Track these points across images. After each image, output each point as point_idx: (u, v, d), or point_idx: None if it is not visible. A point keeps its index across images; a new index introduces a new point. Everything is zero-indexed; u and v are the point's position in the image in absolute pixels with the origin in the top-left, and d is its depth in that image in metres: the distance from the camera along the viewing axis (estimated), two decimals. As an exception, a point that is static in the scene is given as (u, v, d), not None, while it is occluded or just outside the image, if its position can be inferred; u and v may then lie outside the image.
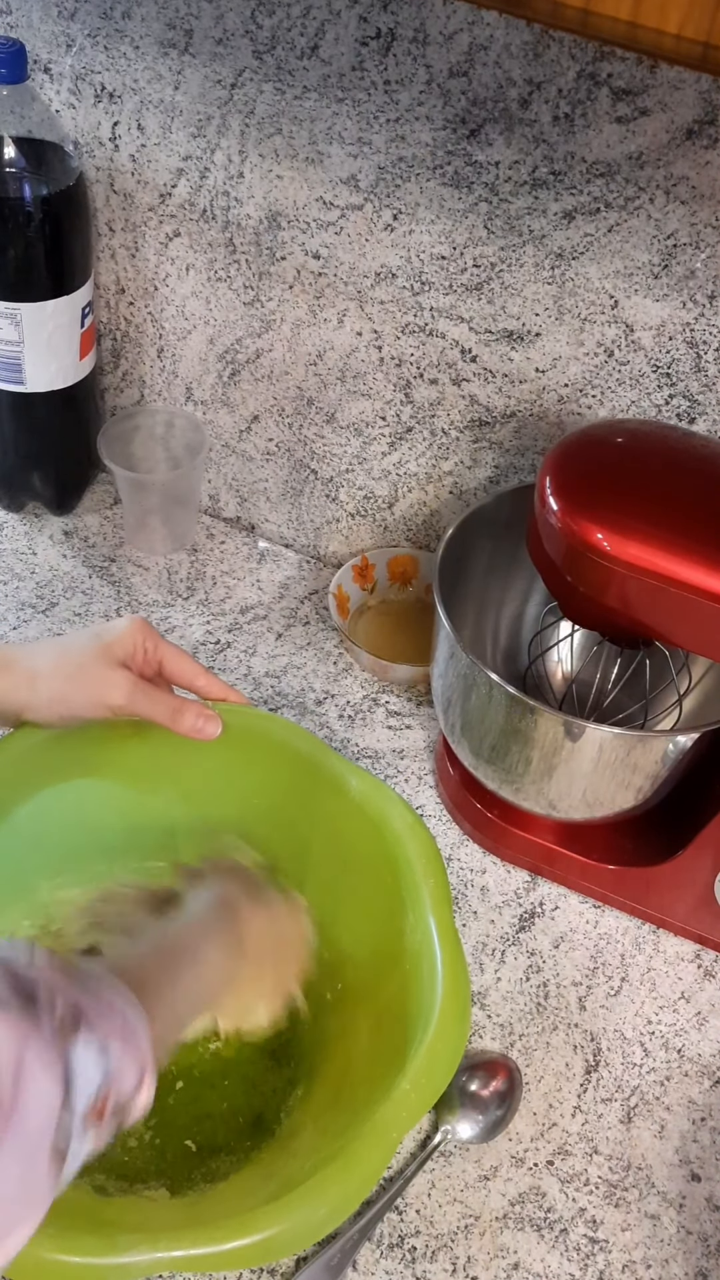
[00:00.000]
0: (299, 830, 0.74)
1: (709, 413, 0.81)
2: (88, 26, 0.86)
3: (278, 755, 0.74)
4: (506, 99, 0.75)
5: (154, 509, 1.01)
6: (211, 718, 0.72)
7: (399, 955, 0.66)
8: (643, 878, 0.79)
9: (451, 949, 0.64)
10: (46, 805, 0.73)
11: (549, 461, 0.69)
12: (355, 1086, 0.63)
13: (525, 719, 0.72)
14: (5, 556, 1.01)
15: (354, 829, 0.71)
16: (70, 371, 0.96)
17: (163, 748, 0.72)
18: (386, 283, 0.86)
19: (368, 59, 0.78)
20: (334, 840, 0.72)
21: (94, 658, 0.70)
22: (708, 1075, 0.74)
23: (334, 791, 0.72)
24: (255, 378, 0.97)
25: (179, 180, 0.90)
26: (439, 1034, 0.60)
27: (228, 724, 0.72)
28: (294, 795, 0.74)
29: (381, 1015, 0.65)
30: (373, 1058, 0.64)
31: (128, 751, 0.73)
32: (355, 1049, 0.67)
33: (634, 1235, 0.67)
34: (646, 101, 0.72)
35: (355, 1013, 0.69)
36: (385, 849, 0.69)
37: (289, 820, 0.74)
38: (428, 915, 0.65)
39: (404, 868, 0.67)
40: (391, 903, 0.67)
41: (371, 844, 0.70)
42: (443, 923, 0.65)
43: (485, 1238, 0.67)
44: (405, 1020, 0.62)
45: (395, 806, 0.70)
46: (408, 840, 0.68)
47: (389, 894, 0.68)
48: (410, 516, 0.98)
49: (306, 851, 0.74)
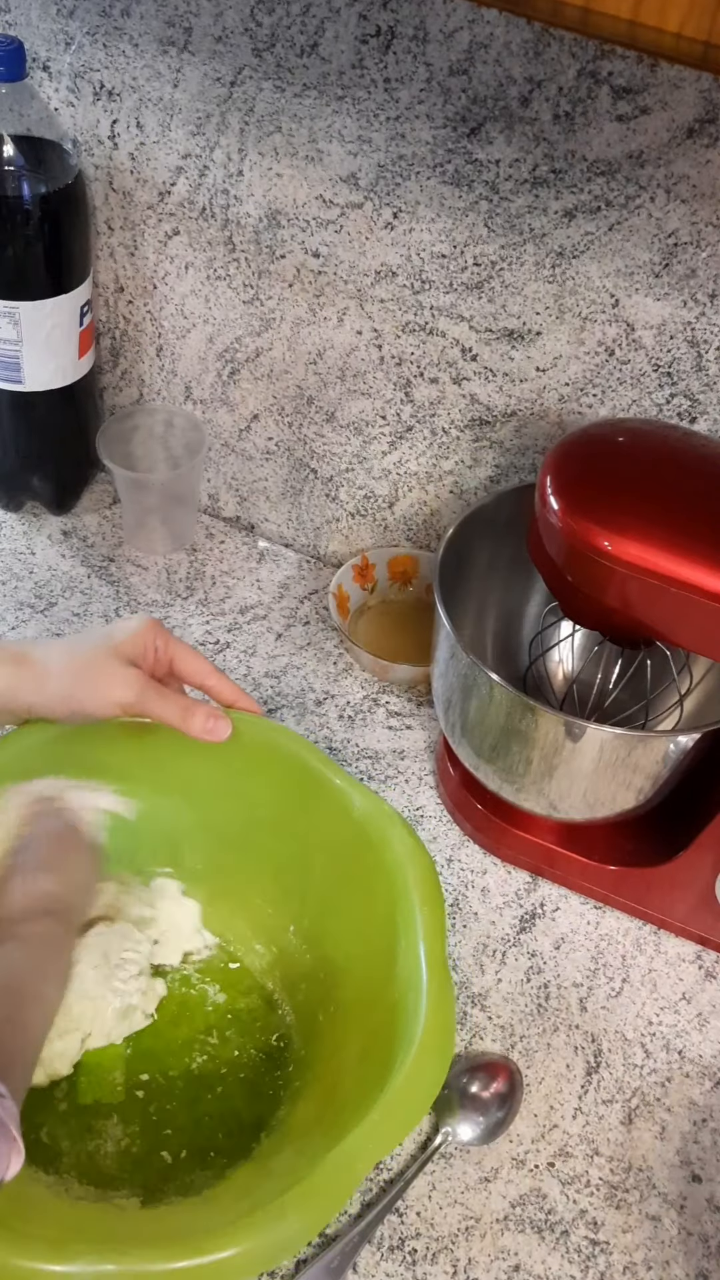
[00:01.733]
0: (302, 843, 0.73)
1: (709, 412, 0.81)
2: (87, 24, 0.86)
3: (284, 766, 0.73)
4: (507, 97, 0.75)
5: (153, 509, 1.00)
6: (222, 719, 0.71)
7: (390, 980, 0.65)
8: (643, 878, 0.79)
9: (439, 982, 0.63)
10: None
11: (549, 461, 0.69)
12: (339, 1110, 0.62)
13: (526, 719, 0.72)
14: (4, 556, 1.00)
15: (355, 848, 0.70)
16: (69, 370, 0.96)
17: (170, 751, 0.72)
18: (386, 281, 0.86)
19: (367, 57, 0.78)
20: (335, 857, 0.72)
21: (105, 656, 0.69)
22: (709, 1076, 0.74)
23: (338, 808, 0.71)
24: (255, 376, 0.97)
25: (178, 178, 0.90)
26: (415, 1068, 0.59)
27: (236, 731, 0.71)
28: (298, 808, 0.73)
29: (371, 1039, 0.64)
30: (359, 1082, 0.62)
31: (135, 752, 0.73)
32: (343, 1071, 0.66)
33: (635, 1237, 0.67)
34: (647, 100, 0.71)
35: (346, 1035, 0.68)
36: (384, 872, 0.68)
37: (293, 833, 0.73)
38: (419, 944, 0.64)
39: (401, 893, 0.66)
40: (386, 927, 0.66)
41: (371, 866, 0.69)
42: (433, 954, 0.64)
43: (486, 1240, 0.66)
44: (391, 1047, 0.61)
45: (397, 830, 0.69)
46: (407, 866, 0.67)
47: (385, 918, 0.67)
48: (410, 516, 0.98)
49: (308, 865, 0.73)
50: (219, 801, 0.75)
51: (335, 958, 0.71)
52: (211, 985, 0.74)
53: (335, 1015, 0.69)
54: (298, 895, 0.73)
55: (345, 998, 0.69)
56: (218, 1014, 0.73)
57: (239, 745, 0.72)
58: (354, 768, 0.88)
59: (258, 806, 0.74)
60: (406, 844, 0.68)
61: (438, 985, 0.63)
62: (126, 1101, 0.69)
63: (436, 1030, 0.61)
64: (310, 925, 0.73)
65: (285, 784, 0.73)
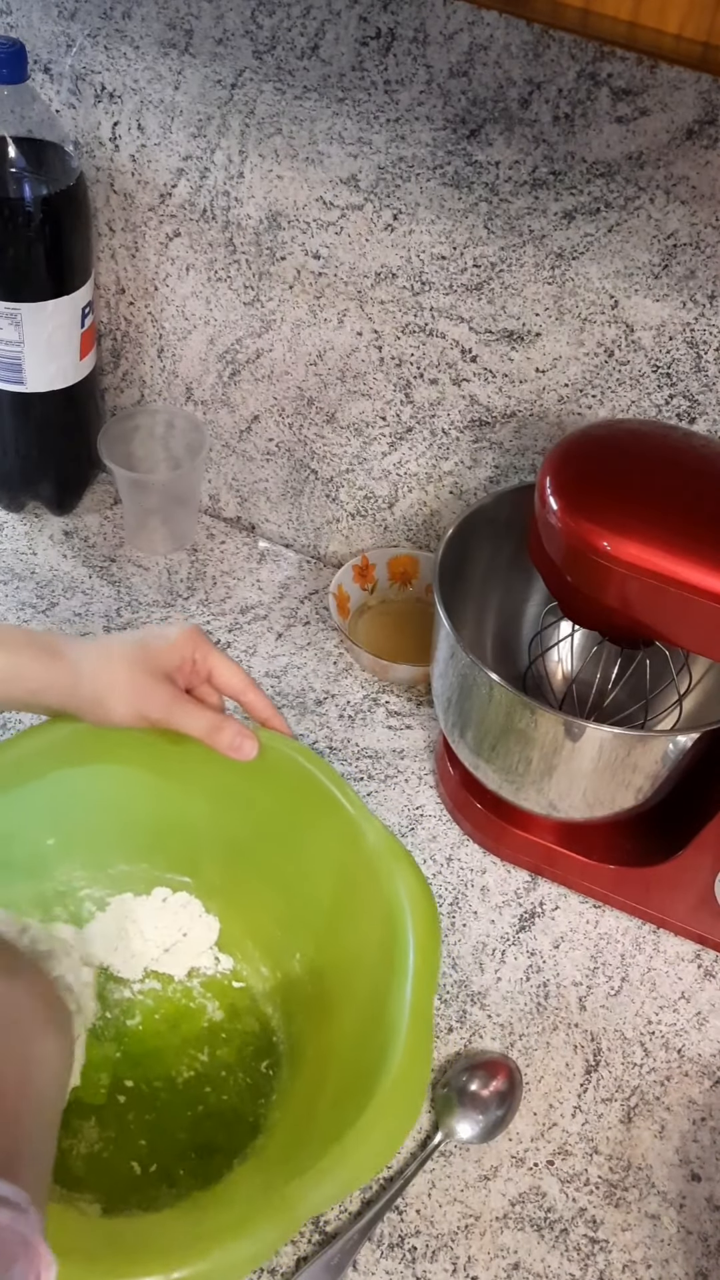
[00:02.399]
0: (313, 868, 0.72)
1: (709, 413, 0.81)
2: (88, 26, 0.86)
3: (300, 787, 0.72)
4: (506, 99, 0.75)
5: (154, 509, 1.01)
6: (249, 737, 0.70)
7: (379, 1023, 0.63)
8: (643, 878, 0.79)
9: (418, 1036, 0.61)
10: (74, 788, 0.73)
11: (549, 461, 0.69)
12: (308, 1145, 0.61)
13: (525, 719, 0.72)
14: (5, 556, 1.01)
15: (362, 882, 0.69)
16: (70, 371, 0.96)
17: (199, 757, 0.71)
18: (386, 283, 0.86)
19: (368, 59, 0.78)
20: (344, 888, 0.70)
21: (139, 667, 0.68)
22: (708, 1075, 0.74)
23: (349, 838, 0.70)
24: (255, 378, 0.97)
25: (179, 180, 0.90)
26: (369, 1121, 0.58)
27: (262, 745, 0.71)
28: (310, 830, 0.72)
29: (349, 1081, 0.63)
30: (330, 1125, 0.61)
31: (170, 751, 0.72)
32: (318, 1113, 0.64)
33: (634, 1235, 0.67)
34: (646, 101, 0.72)
35: (327, 1074, 0.66)
36: (387, 912, 0.66)
37: (304, 857, 0.72)
38: (406, 991, 0.62)
39: (399, 936, 0.65)
40: (382, 967, 0.65)
41: (375, 903, 0.67)
42: (418, 1004, 0.62)
43: (485, 1238, 0.67)
44: (361, 1094, 0.60)
45: (405, 871, 0.67)
46: (410, 909, 0.66)
47: (382, 959, 0.65)
48: (410, 516, 0.98)
49: (318, 893, 0.72)
50: (238, 815, 0.74)
51: (334, 992, 0.69)
52: (211, 1001, 0.73)
53: (323, 1052, 0.67)
54: (307, 924, 0.72)
55: (334, 1036, 0.67)
56: (212, 1031, 0.72)
57: (262, 762, 0.71)
58: (354, 767, 0.88)
59: (271, 824, 0.73)
60: (412, 887, 0.67)
61: (415, 1039, 0.61)
62: (107, 1105, 0.68)
63: (402, 1085, 0.59)
64: (316, 956, 0.71)
65: (299, 805, 0.72)
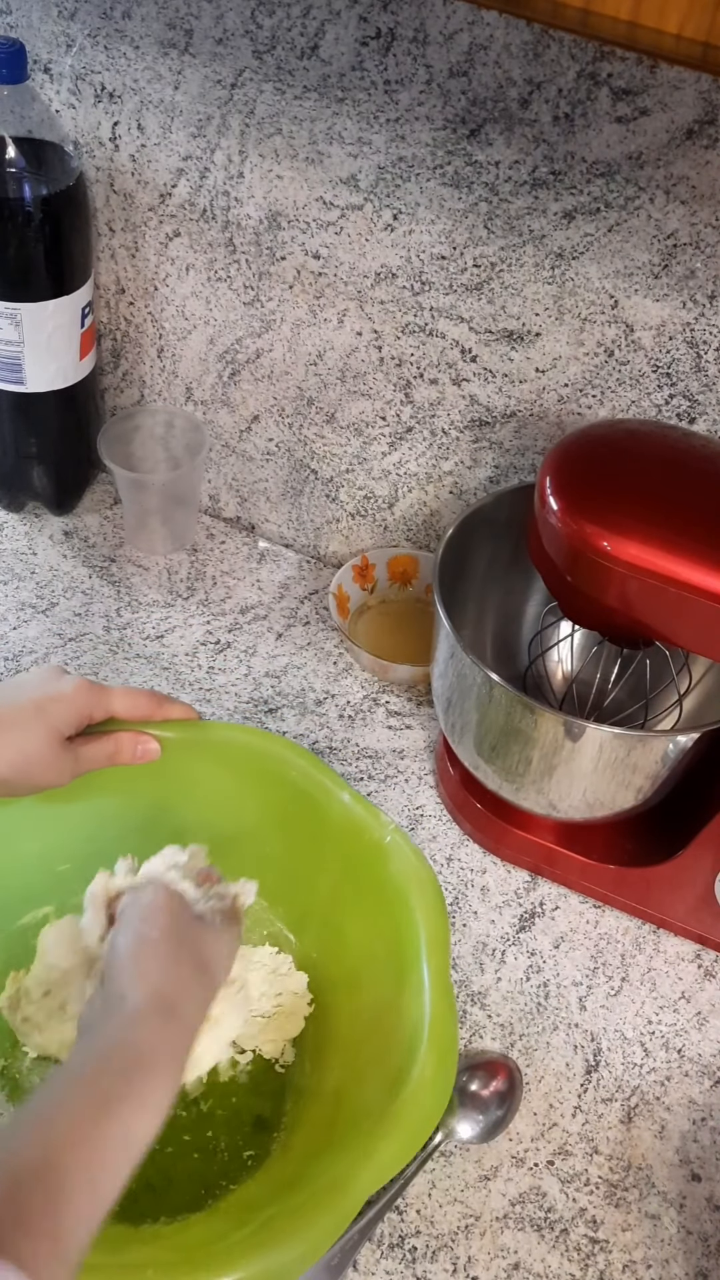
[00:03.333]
0: (307, 858, 0.72)
1: (709, 413, 0.81)
2: (88, 26, 0.86)
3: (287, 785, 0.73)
4: (506, 99, 0.75)
5: (154, 509, 1.01)
6: (146, 740, 0.71)
7: (397, 999, 0.62)
8: (643, 878, 0.79)
9: (441, 1002, 0.60)
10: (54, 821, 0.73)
11: (549, 461, 0.69)
12: (337, 1135, 0.60)
13: (525, 719, 0.72)
14: (5, 556, 1.01)
15: (363, 870, 0.69)
16: (70, 371, 0.96)
17: (174, 775, 0.72)
18: (386, 283, 0.86)
19: (368, 59, 0.78)
20: (344, 878, 0.70)
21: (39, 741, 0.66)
22: (708, 1075, 0.74)
23: (346, 829, 0.70)
24: (255, 378, 0.97)
25: (179, 180, 0.90)
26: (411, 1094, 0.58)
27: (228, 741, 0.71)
28: (300, 824, 0.72)
29: (376, 1062, 0.62)
30: (362, 1107, 0.61)
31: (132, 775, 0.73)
32: (345, 1098, 0.64)
33: (634, 1235, 0.67)
34: (646, 101, 0.72)
35: (350, 1058, 0.66)
36: (390, 892, 0.66)
37: (297, 849, 0.73)
38: (422, 966, 0.62)
39: (406, 915, 0.65)
40: (392, 949, 0.65)
41: (376, 886, 0.67)
42: (436, 973, 0.61)
43: (485, 1238, 0.67)
44: (393, 1069, 0.59)
45: (405, 853, 0.67)
46: (413, 890, 0.66)
47: (392, 939, 0.65)
48: (410, 516, 0.98)
49: (313, 880, 0.72)
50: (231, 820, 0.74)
51: (345, 977, 0.70)
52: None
53: (343, 1041, 0.67)
54: (307, 915, 0.73)
55: (353, 1021, 0.67)
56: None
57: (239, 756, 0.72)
58: (354, 767, 0.88)
59: (266, 823, 0.74)
60: (409, 862, 0.67)
61: (440, 1007, 0.61)
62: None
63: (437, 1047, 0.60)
64: (315, 949, 0.72)
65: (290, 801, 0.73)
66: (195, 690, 0.92)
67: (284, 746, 0.74)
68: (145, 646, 0.95)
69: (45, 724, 0.66)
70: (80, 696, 0.68)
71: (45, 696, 0.67)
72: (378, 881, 0.68)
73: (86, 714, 0.69)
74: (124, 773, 0.72)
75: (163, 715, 0.72)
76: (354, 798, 0.71)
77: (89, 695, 0.68)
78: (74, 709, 0.68)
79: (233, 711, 0.91)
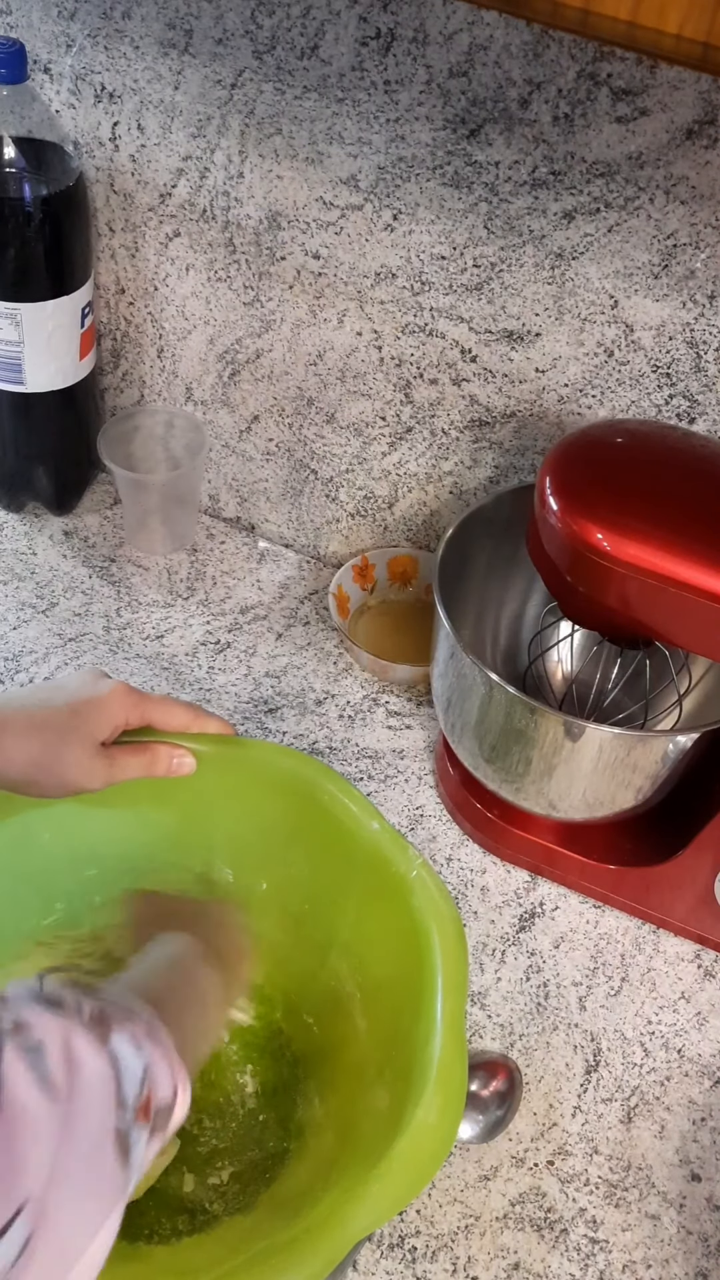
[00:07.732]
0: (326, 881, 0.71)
1: (709, 413, 0.81)
2: (88, 26, 0.86)
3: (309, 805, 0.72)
4: (506, 99, 0.75)
5: (154, 509, 1.01)
6: (182, 753, 0.70)
7: (409, 1034, 0.61)
8: (643, 878, 0.79)
9: (452, 1043, 0.59)
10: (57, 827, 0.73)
11: (549, 461, 0.69)
12: (343, 1165, 0.59)
13: (525, 719, 0.72)
14: (5, 556, 1.01)
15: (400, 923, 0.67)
16: (70, 372, 0.96)
17: (206, 790, 0.71)
18: (386, 283, 0.86)
19: (367, 59, 0.78)
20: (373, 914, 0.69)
21: (74, 744, 0.65)
22: (708, 1075, 0.74)
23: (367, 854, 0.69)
24: (255, 378, 0.97)
25: (179, 180, 0.90)
26: (412, 1136, 0.56)
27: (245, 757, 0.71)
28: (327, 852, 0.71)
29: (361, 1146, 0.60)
30: (368, 1139, 0.59)
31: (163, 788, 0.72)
32: (355, 1125, 0.62)
33: (634, 1235, 0.67)
34: (646, 101, 0.72)
35: (355, 1091, 0.65)
36: (410, 926, 0.65)
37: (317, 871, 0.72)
38: (437, 997, 0.60)
39: (425, 949, 0.63)
40: (409, 980, 0.63)
41: (396, 916, 0.66)
42: (450, 1012, 0.60)
43: (485, 1238, 0.67)
44: (399, 1106, 0.58)
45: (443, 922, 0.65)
46: (435, 925, 0.64)
47: (409, 971, 0.64)
48: (410, 516, 0.98)
49: (337, 912, 0.71)
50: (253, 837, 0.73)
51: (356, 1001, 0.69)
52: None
53: (349, 1071, 0.67)
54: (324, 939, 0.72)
55: (361, 1051, 0.66)
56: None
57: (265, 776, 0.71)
58: (354, 767, 0.88)
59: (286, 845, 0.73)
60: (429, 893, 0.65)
61: (450, 1048, 0.59)
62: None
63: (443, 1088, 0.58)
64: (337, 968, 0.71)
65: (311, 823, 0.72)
66: (195, 690, 0.92)
67: (316, 769, 0.72)
68: (145, 646, 0.95)
69: (80, 728, 0.66)
70: (117, 702, 0.67)
71: (82, 700, 0.67)
72: (399, 915, 0.66)
73: (123, 720, 0.68)
74: (157, 783, 0.71)
75: (199, 728, 0.71)
76: (383, 827, 0.68)
77: (127, 702, 0.68)
78: (110, 715, 0.67)
79: (232, 711, 0.91)
